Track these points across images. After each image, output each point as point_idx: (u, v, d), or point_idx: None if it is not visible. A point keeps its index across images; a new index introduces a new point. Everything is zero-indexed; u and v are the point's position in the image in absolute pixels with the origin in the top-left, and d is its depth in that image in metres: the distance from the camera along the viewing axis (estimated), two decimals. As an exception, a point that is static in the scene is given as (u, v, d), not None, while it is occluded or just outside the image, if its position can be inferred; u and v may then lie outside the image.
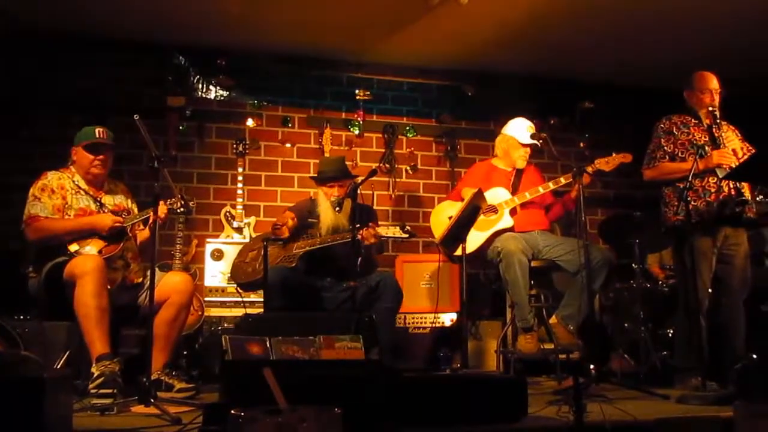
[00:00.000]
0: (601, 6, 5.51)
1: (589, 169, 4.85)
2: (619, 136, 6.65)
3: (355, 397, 2.64)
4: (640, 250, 5.32)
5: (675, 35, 5.96)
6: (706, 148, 4.35)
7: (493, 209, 5.00)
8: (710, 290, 4.55)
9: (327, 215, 4.89)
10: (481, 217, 4.82)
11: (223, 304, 5.41)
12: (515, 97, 6.59)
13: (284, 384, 1.79)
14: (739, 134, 4.64)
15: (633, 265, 5.34)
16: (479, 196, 4.54)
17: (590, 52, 6.32)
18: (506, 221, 4.97)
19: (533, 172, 5.33)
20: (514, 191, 5.12)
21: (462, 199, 5.00)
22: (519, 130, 5.21)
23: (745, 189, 4.41)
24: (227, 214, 5.79)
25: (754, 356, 4.82)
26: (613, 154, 4.86)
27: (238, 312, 5.14)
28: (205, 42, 6.04)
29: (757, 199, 5.11)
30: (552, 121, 5.99)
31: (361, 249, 4.65)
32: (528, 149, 5.19)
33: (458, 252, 4.62)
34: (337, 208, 4.87)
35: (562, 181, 4.96)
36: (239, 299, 5.20)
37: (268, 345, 3.20)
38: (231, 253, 5.41)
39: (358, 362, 3.27)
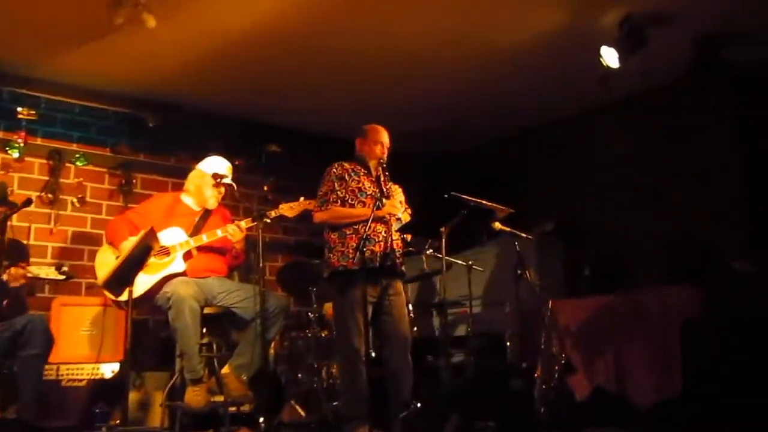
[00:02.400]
0: (291, 54, 5.67)
1: (272, 214, 4.89)
2: (303, 181, 6.83)
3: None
4: (318, 297, 5.46)
5: (356, 90, 6.34)
6: (384, 199, 4.60)
7: (166, 251, 4.83)
8: (373, 340, 4.75)
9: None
10: (152, 259, 4.64)
11: None
12: (201, 133, 6.52)
13: None
14: (402, 191, 4.89)
15: (310, 313, 5.48)
16: (151, 235, 4.35)
17: (280, 96, 6.47)
18: (177, 265, 4.83)
19: (222, 215, 5.26)
20: (195, 233, 4.99)
21: (132, 230, 4.80)
22: (217, 168, 5.12)
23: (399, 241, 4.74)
24: None
25: (419, 404, 5.15)
26: (300, 199, 4.95)
27: None
28: None
29: (428, 252, 5.52)
30: (237, 162, 5.96)
31: (7, 290, 4.23)
32: (222, 190, 5.13)
33: (125, 296, 4.39)
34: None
35: (243, 225, 4.95)
36: None
37: None
38: None
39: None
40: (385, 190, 4.63)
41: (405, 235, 4.74)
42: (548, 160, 7.21)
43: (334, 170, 4.71)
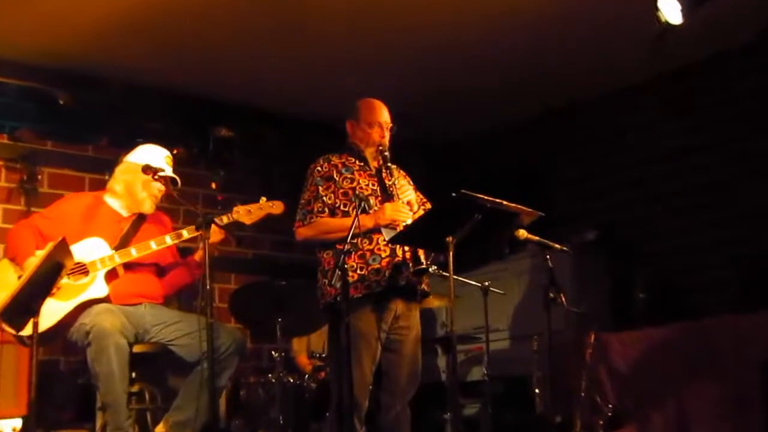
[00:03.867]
0: (245, 4, 5.66)
1: (224, 220, 4.83)
2: (267, 177, 6.82)
3: None
4: (284, 332, 5.42)
5: (333, 53, 6.31)
6: (372, 200, 4.53)
7: (83, 270, 4.78)
8: (371, 386, 4.72)
9: None
10: (65, 280, 4.61)
11: None
12: (127, 114, 6.53)
13: None
14: (410, 180, 4.87)
15: (273, 352, 5.44)
16: (62, 248, 4.30)
17: (233, 63, 6.45)
18: (98, 289, 4.78)
19: (159, 222, 5.22)
20: (123, 245, 4.94)
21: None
22: (152, 159, 5.05)
23: (421, 253, 4.67)
24: None
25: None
26: (261, 200, 4.89)
27: None
28: None
29: (431, 269, 5.49)
30: (176, 152, 5.94)
31: None
32: (162, 188, 5.06)
33: (28, 330, 4.31)
34: None
35: (185, 234, 4.88)
36: None
37: None
38: None
39: None
40: (388, 186, 4.59)
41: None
42: (584, 150, 7.21)
43: (319, 169, 4.66)
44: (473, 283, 5.69)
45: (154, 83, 6.67)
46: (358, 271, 4.44)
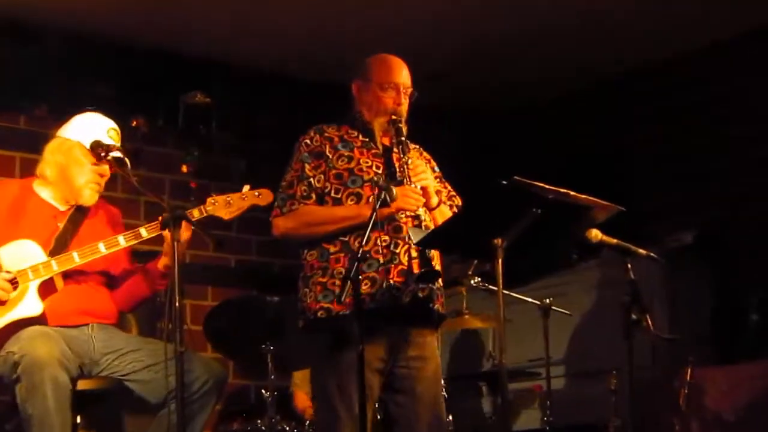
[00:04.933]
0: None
1: (196, 214, 4.80)
2: (254, 157, 6.79)
3: None
4: (278, 364, 5.40)
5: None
6: (393, 189, 4.46)
7: (12, 281, 4.74)
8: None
9: None
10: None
11: None
12: (73, 74, 6.54)
13: None
14: (435, 167, 4.83)
15: (264, 390, 5.44)
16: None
17: (213, 9, 6.48)
18: (30, 305, 4.74)
19: (106, 216, 5.21)
20: (61, 249, 4.91)
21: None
22: (92, 133, 5.03)
23: (434, 258, 4.58)
24: None
25: None
26: (244, 189, 4.86)
27: None
28: None
29: (473, 282, 5.46)
30: (135, 123, 5.92)
31: None
32: (107, 170, 5.03)
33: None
34: None
35: (144, 234, 4.83)
36: None
37: None
38: None
39: None
40: (398, 168, 4.54)
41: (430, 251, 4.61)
42: (679, 121, 7.14)
43: (307, 142, 4.62)
44: (530, 300, 5.68)
45: (107, 34, 6.68)
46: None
